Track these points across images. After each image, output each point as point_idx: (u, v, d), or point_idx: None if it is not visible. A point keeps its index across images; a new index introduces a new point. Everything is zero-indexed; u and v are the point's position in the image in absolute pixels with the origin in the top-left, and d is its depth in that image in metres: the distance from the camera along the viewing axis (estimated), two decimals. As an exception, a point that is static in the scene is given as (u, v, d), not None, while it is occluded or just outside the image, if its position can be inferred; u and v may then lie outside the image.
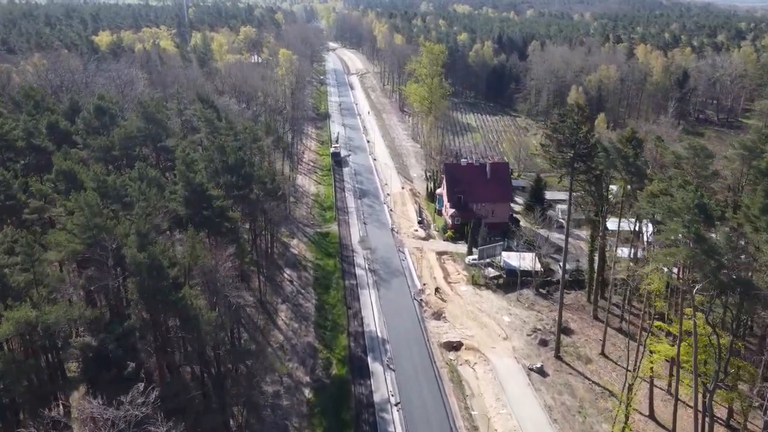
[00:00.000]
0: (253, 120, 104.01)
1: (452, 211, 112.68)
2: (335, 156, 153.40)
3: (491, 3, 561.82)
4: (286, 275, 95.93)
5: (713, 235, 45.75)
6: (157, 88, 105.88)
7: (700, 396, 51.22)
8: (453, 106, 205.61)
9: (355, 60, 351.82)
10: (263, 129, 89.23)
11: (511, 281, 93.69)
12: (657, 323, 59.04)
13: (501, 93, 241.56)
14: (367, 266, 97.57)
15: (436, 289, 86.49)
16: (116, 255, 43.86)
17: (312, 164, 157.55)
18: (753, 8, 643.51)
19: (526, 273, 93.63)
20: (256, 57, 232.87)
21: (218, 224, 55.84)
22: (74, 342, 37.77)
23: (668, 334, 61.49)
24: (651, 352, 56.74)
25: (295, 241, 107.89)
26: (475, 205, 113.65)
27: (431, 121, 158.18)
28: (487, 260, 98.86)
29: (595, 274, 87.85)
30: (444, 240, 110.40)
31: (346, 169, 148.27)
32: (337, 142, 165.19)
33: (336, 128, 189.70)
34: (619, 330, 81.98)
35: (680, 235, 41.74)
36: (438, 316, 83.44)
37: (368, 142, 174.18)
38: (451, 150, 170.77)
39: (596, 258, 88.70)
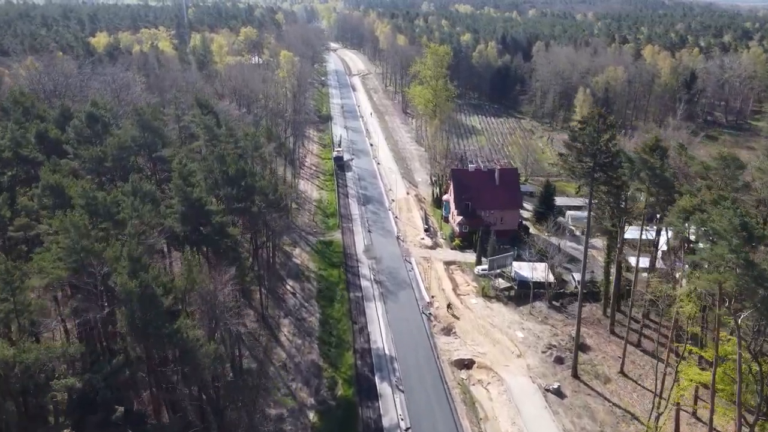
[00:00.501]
0: (254, 125, 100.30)
1: (460, 218, 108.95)
2: (338, 160, 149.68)
3: (493, 2, 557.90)
4: (288, 287, 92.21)
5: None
6: (155, 92, 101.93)
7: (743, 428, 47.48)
8: (457, 107, 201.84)
9: (356, 61, 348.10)
10: (264, 135, 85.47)
11: (522, 293, 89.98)
12: (688, 347, 55.21)
13: (505, 94, 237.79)
14: (372, 277, 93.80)
15: (449, 305, 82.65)
16: (105, 282, 40.11)
17: (314, 168, 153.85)
18: (755, 8, 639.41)
19: (538, 284, 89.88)
20: (256, 58, 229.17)
21: (217, 242, 52.15)
22: (56, 384, 34.12)
23: (699, 358, 57.76)
24: (682, 377, 52.93)
25: (297, 251, 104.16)
26: (484, 213, 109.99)
27: (436, 124, 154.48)
28: (498, 271, 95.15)
29: (612, 287, 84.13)
30: (452, 249, 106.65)
31: (349, 174, 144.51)
32: (339, 145, 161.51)
33: (338, 131, 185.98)
34: (638, 346, 78.21)
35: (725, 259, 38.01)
36: (448, 331, 79.68)
37: (371, 145, 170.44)
38: (456, 153, 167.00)
39: (613, 269, 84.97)
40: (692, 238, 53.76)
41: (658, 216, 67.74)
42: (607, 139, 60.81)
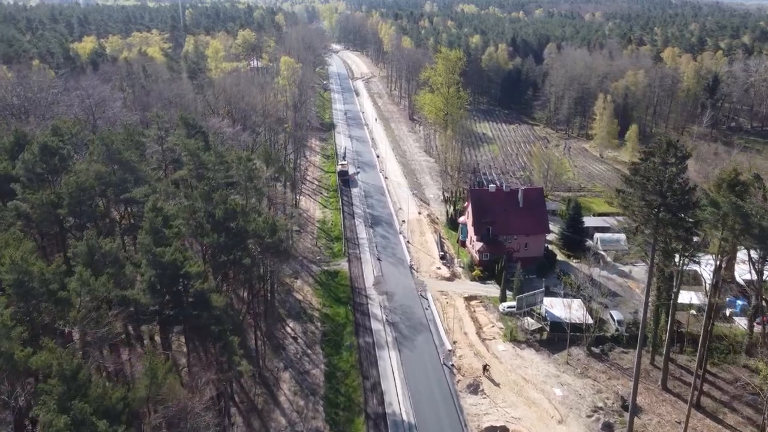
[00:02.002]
0: (250, 145, 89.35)
1: (480, 245, 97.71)
2: (342, 175, 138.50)
3: (497, 2, 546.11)
4: (289, 329, 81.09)
5: None
6: (138, 107, 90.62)
7: None
8: (463, 111, 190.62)
9: (359, 63, 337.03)
10: (262, 157, 74.41)
11: (557, 337, 78.78)
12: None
13: (517, 99, 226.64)
14: (384, 317, 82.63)
15: (485, 368, 70.88)
16: (24, 417, 28.79)
17: (317, 183, 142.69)
18: (763, 7, 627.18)
19: (573, 326, 78.49)
20: (256, 61, 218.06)
21: (197, 317, 41.19)
22: None
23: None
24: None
25: (299, 283, 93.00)
26: (506, 238, 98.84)
27: (448, 135, 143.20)
28: (526, 308, 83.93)
29: (664, 332, 72.88)
30: (471, 280, 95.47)
31: (354, 190, 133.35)
32: (344, 158, 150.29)
33: (342, 141, 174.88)
34: (698, 407, 66.84)
35: None
36: (475, 389, 68.39)
37: (377, 156, 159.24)
38: (468, 165, 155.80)
39: (663, 312, 73.80)
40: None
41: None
42: (676, 173, 49.59)
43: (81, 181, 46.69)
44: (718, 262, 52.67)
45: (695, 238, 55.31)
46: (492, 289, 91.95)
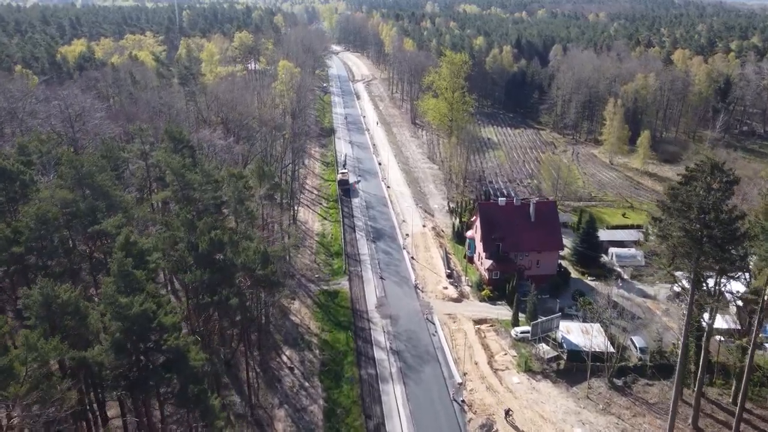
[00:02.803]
0: (242, 159, 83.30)
1: (489, 263, 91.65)
2: (342, 184, 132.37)
3: (499, 2, 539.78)
4: (284, 357, 75.05)
5: None
6: (122, 118, 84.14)
7: None
8: (469, 116, 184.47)
9: (360, 65, 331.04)
10: (256, 174, 68.31)
11: (575, 366, 72.73)
12: None
13: (522, 103, 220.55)
14: (388, 345, 76.55)
15: (507, 412, 64.36)
16: None
17: (316, 192, 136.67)
18: (765, 6, 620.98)
19: (593, 355, 72.34)
20: (253, 64, 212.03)
21: (169, 380, 35.02)
22: None
23: None
24: None
25: (296, 304, 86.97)
26: (517, 255, 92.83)
27: (453, 142, 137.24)
28: (541, 335, 77.80)
29: (694, 364, 66.85)
30: (480, 301, 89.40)
31: (355, 200, 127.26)
32: (344, 166, 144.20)
33: (342, 147, 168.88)
34: (735, 450, 60.64)
35: None
36: (489, 430, 62.25)
37: (379, 164, 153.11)
38: (474, 173, 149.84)
39: (693, 344, 67.67)
40: None
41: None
42: (721, 199, 43.53)
43: (43, 212, 40.68)
44: (766, 297, 46.53)
45: (742, 275, 49.25)
46: (503, 311, 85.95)
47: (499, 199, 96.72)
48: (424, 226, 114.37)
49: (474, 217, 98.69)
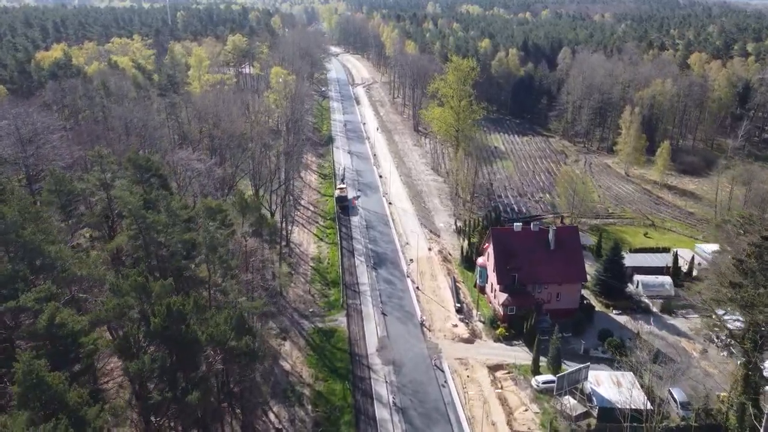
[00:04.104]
0: (227, 182, 73.34)
1: (504, 296, 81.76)
2: (341, 201, 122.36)
3: (502, 3, 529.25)
4: (272, 416, 65.15)
5: None
6: (86, 139, 73.35)
7: None
8: (474, 123, 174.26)
9: (360, 67, 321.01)
10: (237, 206, 58.42)
11: (607, 427, 62.79)
12: None
13: (529, 108, 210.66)
14: (391, 400, 66.62)
15: None
16: None
17: (312, 209, 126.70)
18: None
19: (627, 414, 62.33)
20: (248, 68, 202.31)
21: None
22: None
23: None
24: None
25: (287, 346, 77.10)
26: (535, 287, 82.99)
27: (460, 156, 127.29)
28: (568, 388, 67.83)
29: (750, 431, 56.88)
30: (495, 341, 79.47)
31: (354, 219, 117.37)
32: (342, 181, 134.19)
33: (341, 157, 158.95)
34: None
35: None
36: None
37: (380, 176, 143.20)
38: (481, 185, 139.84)
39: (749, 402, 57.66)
40: None
41: None
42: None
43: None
44: None
45: None
46: (521, 354, 76.03)
47: (515, 224, 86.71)
48: (429, 249, 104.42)
49: (486, 244, 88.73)
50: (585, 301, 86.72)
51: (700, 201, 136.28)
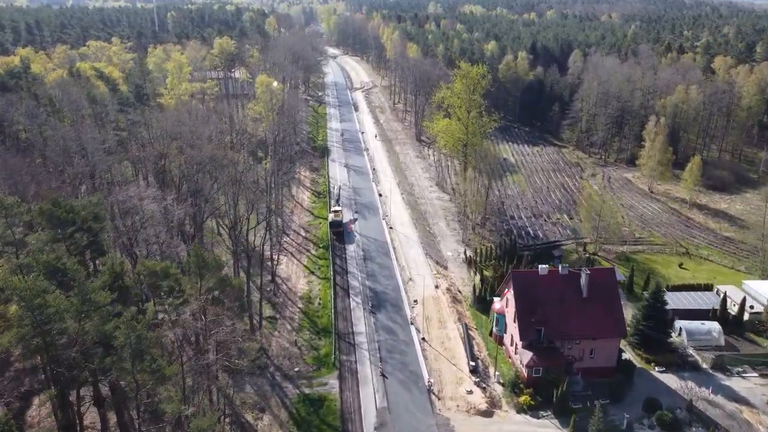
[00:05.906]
0: (192, 225, 59.33)
1: (528, 356, 68.02)
2: (335, 225, 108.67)
3: (505, 3, 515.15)
4: None
5: None
6: (18, 173, 58.62)
7: None
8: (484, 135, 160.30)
9: (359, 70, 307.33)
10: (194, 265, 44.63)
11: None
12: None
13: (539, 115, 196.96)
14: (393, 504, 52.72)
15: None
16: None
17: (303, 233, 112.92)
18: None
19: None
20: (236, 73, 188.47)
21: None
22: None
23: None
24: None
25: (265, 420, 63.29)
26: (564, 342, 69.29)
27: (469, 175, 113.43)
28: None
29: None
30: (518, 411, 65.65)
31: (350, 248, 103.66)
32: (337, 202, 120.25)
33: (337, 172, 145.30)
34: None
35: None
36: None
37: (380, 195, 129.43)
38: (491, 203, 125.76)
39: None
40: None
41: None
42: None
43: None
44: None
45: None
46: (550, 431, 62.18)
47: (540, 267, 72.68)
48: (436, 286, 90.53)
49: (506, 290, 74.83)
50: (622, 358, 72.83)
51: (736, 223, 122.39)
